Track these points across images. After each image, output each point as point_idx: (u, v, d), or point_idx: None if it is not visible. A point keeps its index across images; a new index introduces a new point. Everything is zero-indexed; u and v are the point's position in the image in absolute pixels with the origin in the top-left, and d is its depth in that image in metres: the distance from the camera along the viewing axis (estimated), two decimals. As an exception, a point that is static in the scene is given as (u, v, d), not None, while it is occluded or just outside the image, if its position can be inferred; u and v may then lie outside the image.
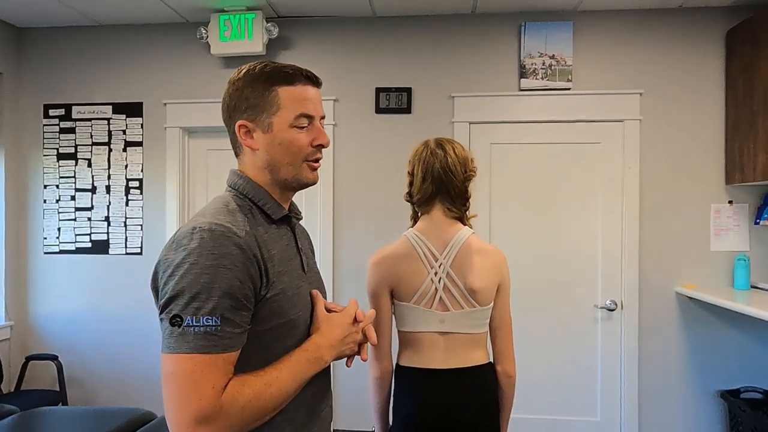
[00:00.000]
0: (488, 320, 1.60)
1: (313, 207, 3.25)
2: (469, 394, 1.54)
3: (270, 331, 0.98)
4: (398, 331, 1.61)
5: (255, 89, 1.04)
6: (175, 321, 0.88)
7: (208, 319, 0.87)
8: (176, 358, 0.87)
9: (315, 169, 1.10)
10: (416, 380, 1.55)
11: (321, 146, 1.08)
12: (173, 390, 0.87)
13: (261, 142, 1.05)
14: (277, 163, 1.06)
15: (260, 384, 0.93)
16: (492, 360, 1.63)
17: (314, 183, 1.11)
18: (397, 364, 1.62)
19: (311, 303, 1.11)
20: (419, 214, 1.65)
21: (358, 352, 1.14)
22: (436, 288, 1.54)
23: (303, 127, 1.05)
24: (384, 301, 1.57)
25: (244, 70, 1.07)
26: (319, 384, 1.10)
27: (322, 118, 1.11)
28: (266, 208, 1.06)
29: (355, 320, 1.11)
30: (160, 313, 0.91)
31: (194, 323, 0.87)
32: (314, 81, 1.09)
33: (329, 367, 1.16)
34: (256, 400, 0.91)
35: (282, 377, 0.96)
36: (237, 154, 1.11)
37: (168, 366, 0.88)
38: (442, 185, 1.57)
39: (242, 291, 0.91)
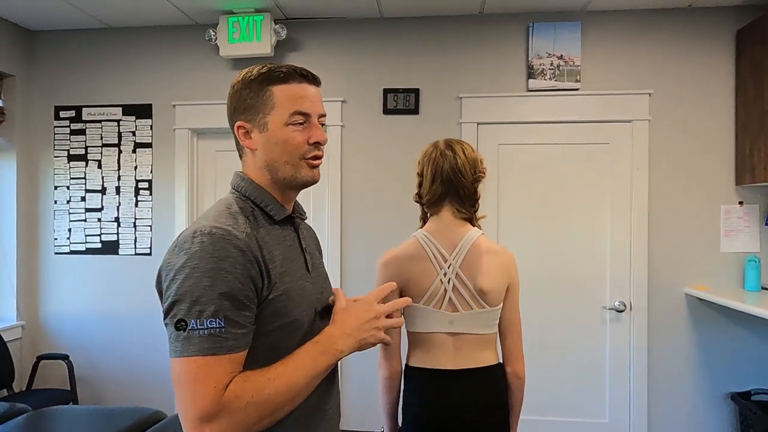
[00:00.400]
0: (497, 321, 1.60)
1: (320, 207, 3.26)
2: (479, 394, 1.54)
3: (274, 332, 0.99)
4: (407, 331, 1.61)
5: (251, 90, 1.06)
6: (180, 325, 0.90)
7: (211, 321, 0.89)
8: (183, 362, 0.89)
9: (314, 167, 1.09)
10: (425, 381, 1.55)
11: (318, 144, 1.07)
12: (181, 391, 0.90)
13: (258, 141, 1.06)
14: (275, 163, 1.06)
15: (263, 380, 0.93)
16: (501, 361, 1.63)
17: (314, 181, 1.10)
18: (406, 365, 1.62)
19: (321, 302, 1.11)
20: (428, 215, 1.65)
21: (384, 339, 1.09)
22: (445, 289, 1.54)
23: (299, 125, 1.05)
24: (393, 302, 1.57)
25: (242, 74, 1.09)
26: (325, 383, 1.10)
27: (322, 116, 1.10)
28: (268, 209, 1.07)
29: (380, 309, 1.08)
30: (165, 318, 0.93)
31: (199, 326, 0.89)
32: (310, 79, 1.09)
33: (336, 366, 1.16)
34: (258, 395, 0.91)
35: (288, 371, 0.95)
36: (240, 156, 1.13)
37: (176, 370, 0.90)
38: (451, 186, 1.58)
39: (244, 292, 0.93)
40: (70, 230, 3.44)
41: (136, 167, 3.40)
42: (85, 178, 3.44)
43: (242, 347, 0.93)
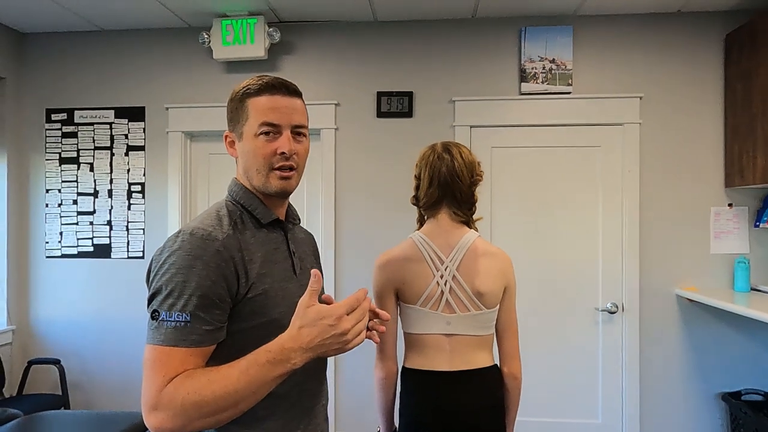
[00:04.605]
0: (494, 322, 1.61)
1: (314, 210, 3.26)
2: (475, 396, 1.54)
3: (252, 330, 1.03)
4: (404, 333, 1.62)
5: (235, 103, 1.13)
6: (154, 315, 0.97)
7: (179, 315, 0.96)
8: (149, 348, 0.96)
9: (284, 178, 1.10)
10: (422, 382, 1.56)
11: (284, 153, 1.08)
12: (143, 376, 0.96)
13: (239, 150, 1.14)
14: (249, 171, 1.12)
15: (204, 380, 0.93)
16: (498, 362, 1.64)
17: (282, 191, 1.12)
18: (403, 367, 1.62)
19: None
20: (425, 217, 1.66)
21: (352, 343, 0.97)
22: (442, 291, 1.55)
23: (267, 135, 1.08)
24: (389, 303, 1.58)
25: (235, 87, 1.16)
26: (314, 383, 1.13)
27: (299, 126, 1.11)
28: (256, 213, 1.12)
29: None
30: (147, 306, 1.01)
31: (167, 318, 0.96)
32: (285, 90, 1.11)
33: (325, 362, 1.19)
34: (196, 395, 0.91)
35: (231, 376, 0.92)
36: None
37: (144, 354, 0.97)
38: (448, 189, 1.58)
39: (214, 290, 0.98)
40: (61, 233, 3.41)
41: (128, 170, 3.38)
42: (76, 181, 3.41)
43: (205, 343, 0.97)
